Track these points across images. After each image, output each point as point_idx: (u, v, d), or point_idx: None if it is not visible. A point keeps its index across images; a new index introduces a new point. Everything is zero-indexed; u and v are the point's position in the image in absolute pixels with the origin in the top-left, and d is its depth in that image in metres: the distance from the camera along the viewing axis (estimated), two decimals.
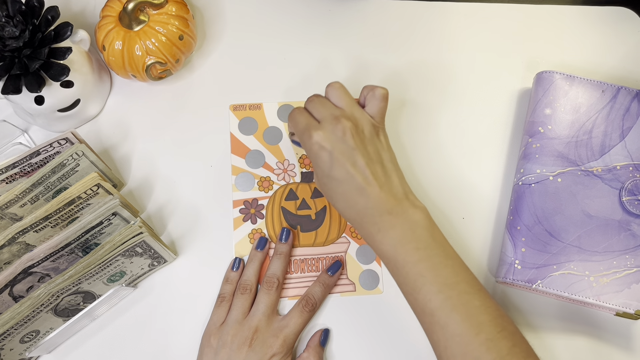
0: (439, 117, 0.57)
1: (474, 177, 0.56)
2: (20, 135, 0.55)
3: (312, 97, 0.48)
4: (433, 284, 0.42)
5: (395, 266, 0.43)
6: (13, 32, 0.46)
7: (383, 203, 0.44)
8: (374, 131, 0.46)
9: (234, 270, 0.52)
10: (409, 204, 0.44)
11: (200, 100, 0.57)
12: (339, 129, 0.44)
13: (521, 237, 0.50)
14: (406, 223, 0.43)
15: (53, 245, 0.43)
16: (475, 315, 0.41)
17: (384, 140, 0.47)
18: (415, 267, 0.42)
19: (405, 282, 0.43)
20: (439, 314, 0.41)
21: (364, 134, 0.45)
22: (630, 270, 0.49)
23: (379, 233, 0.44)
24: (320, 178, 0.46)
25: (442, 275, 0.42)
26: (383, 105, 0.48)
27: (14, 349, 0.46)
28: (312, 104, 0.47)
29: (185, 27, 0.53)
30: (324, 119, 0.45)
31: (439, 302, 0.41)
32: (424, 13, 0.61)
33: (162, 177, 0.54)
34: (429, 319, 0.42)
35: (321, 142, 0.44)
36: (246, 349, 0.47)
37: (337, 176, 0.44)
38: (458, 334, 0.40)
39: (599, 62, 0.60)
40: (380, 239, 0.44)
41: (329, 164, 0.44)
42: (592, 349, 0.51)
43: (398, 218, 0.43)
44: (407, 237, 0.43)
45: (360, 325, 0.51)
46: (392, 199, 0.44)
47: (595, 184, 0.51)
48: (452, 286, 0.42)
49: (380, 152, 0.46)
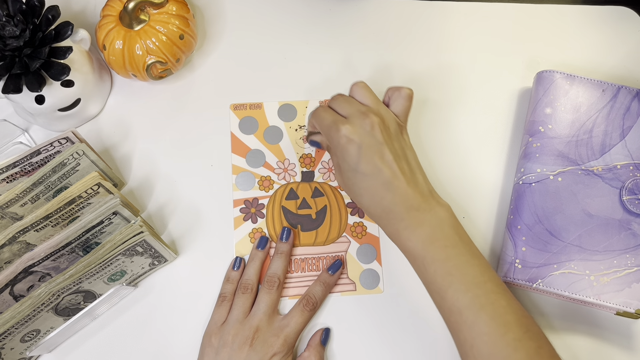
0: (439, 117, 0.57)
1: (475, 177, 0.56)
2: (21, 135, 0.55)
3: (336, 95, 0.48)
4: (461, 282, 0.41)
5: (422, 264, 0.43)
6: (14, 32, 0.46)
7: (410, 199, 0.43)
8: (399, 129, 0.47)
9: (235, 270, 0.52)
10: (434, 201, 0.44)
11: (201, 99, 0.57)
12: (367, 123, 0.45)
13: (522, 236, 0.50)
14: (433, 220, 0.43)
15: (54, 245, 0.43)
16: (502, 315, 0.41)
17: (407, 139, 0.48)
18: (443, 266, 0.42)
19: (433, 281, 0.43)
20: (467, 313, 0.41)
21: (390, 130, 0.46)
22: (630, 270, 0.49)
23: (406, 230, 0.43)
24: (345, 172, 0.46)
25: (470, 274, 0.42)
26: (408, 105, 0.48)
27: (15, 348, 0.46)
28: (337, 102, 0.48)
29: (185, 26, 0.53)
30: (351, 115, 0.46)
31: (467, 300, 0.41)
32: (424, 12, 0.61)
33: (162, 177, 0.55)
34: (457, 317, 0.41)
35: (349, 135, 0.44)
36: (247, 349, 0.47)
37: (365, 170, 0.44)
38: (485, 333, 0.40)
39: (599, 62, 0.60)
40: (407, 236, 0.43)
41: (356, 158, 0.44)
42: (592, 348, 0.51)
43: (425, 215, 0.43)
44: (435, 234, 0.43)
45: (360, 324, 0.51)
46: (419, 195, 0.44)
47: (595, 183, 0.51)
48: (479, 285, 0.41)
49: (405, 149, 0.46)
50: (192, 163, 0.55)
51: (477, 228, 0.54)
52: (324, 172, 0.55)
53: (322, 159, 0.56)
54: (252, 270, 0.51)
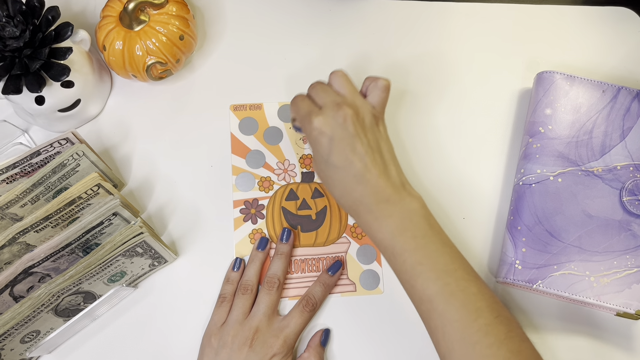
0: (439, 117, 0.57)
1: (475, 177, 0.56)
2: (21, 136, 0.55)
3: (314, 83, 0.48)
4: (431, 271, 0.42)
5: (392, 254, 0.43)
6: (13, 32, 0.46)
7: (380, 191, 0.44)
8: (374, 121, 0.46)
9: (235, 271, 0.51)
10: (405, 193, 0.44)
11: (201, 100, 0.57)
12: (340, 116, 0.44)
13: (522, 237, 0.50)
14: (403, 211, 0.43)
15: (53, 246, 0.43)
16: (473, 302, 0.41)
17: (383, 131, 0.47)
18: (412, 255, 0.42)
19: (402, 271, 0.43)
20: (437, 301, 0.41)
21: (365, 122, 0.45)
22: (630, 271, 0.49)
23: (376, 221, 0.44)
24: (318, 164, 0.46)
25: (440, 262, 0.42)
26: (384, 96, 0.48)
27: (15, 349, 0.46)
28: (314, 90, 0.47)
29: (185, 27, 0.53)
30: (325, 105, 0.45)
31: (437, 288, 0.41)
32: (424, 13, 0.61)
33: (162, 177, 0.55)
34: (427, 306, 0.42)
35: (321, 127, 0.44)
36: (247, 349, 0.47)
37: (336, 162, 0.44)
38: (456, 320, 0.41)
39: (599, 62, 0.60)
40: (377, 227, 0.44)
41: (327, 150, 0.44)
42: (592, 349, 0.51)
43: (395, 206, 0.43)
44: (404, 225, 0.43)
45: (360, 325, 0.51)
46: (390, 187, 0.44)
47: (595, 184, 0.51)
48: (449, 273, 0.42)
49: (380, 141, 0.46)
50: (192, 164, 0.55)
51: (477, 229, 0.54)
52: None
53: None
54: (252, 271, 0.51)
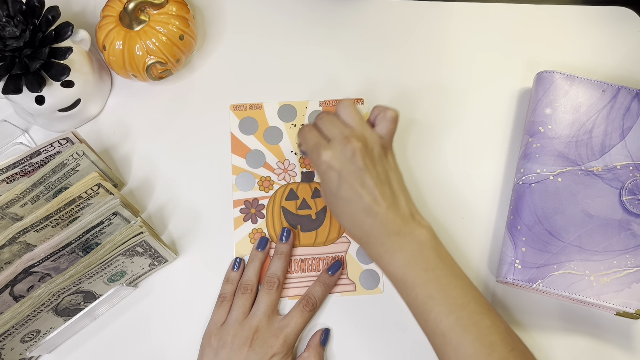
0: (439, 117, 0.57)
1: (475, 177, 0.56)
2: (21, 135, 0.55)
3: (321, 114, 0.47)
4: (443, 305, 0.41)
5: (404, 287, 0.43)
6: (14, 32, 0.46)
7: (390, 223, 0.43)
8: (383, 152, 0.46)
9: (235, 270, 0.52)
10: (415, 224, 0.44)
11: (201, 100, 0.57)
12: (349, 150, 0.44)
13: (521, 236, 0.50)
14: (413, 244, 0.43)
15: (54, 245, 0.43)
16: (487, 335, 0.40)
17: (391, 161, 0.47)
18: (424, 289, 0.42)
19: (415, 304, 0.43)
20: (451, 335, 0.41)
21: (373, 154, 0.45)
22: (630, 270, 0.49)
23: (386, 254, 0.43)
24: (327, 197, 0.46)
25: (452, 295, 0.42)
26: (393, 127, 0.47)
27: (15, 349, 0.46)
28: (322, 121, 0.47)
29: (185, 27, 0.53)
30: (333, 138, 0.45)
31: (451, 323, 0.41)
32: (424, 13, 0.61)
33: (162, 177, 0.55)
34: (440, 340, 0.41)
35: (330, 161, 0.44)
36: (246, 349, 0.47)
37: (345, 196, 0.44)
38: (470, 354, 0.40)
39: (599, 62, 0.60)
40: (387, 260, 0.43)
41: (337, 184, 0.44)
42: (592, 348, 0.51)
43: (405, 239, 0.43)
44: (414, 258, 0.43)
45: (360, 325, 0.51)
46: (399, 220, 0.44)
47: (595, 183, 0.51)
48: (462, 306, 0.41)
49: (389, 172, 0.46)
50: (192, 163, 0.55)
51: (477, 228, 0.54)
52: None
53: None
54: (252, 271, 0.51)
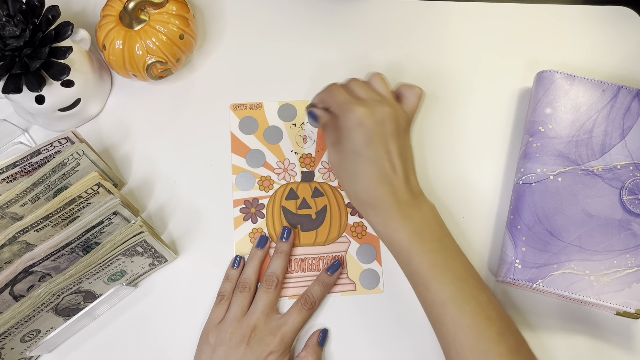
0: (439, 117, 0.57)
1: (475, 177, 0.56)
2: (21, 135, 0.55)
3: (353, 78, 0.49)
4: (446, 275, 0.42)
5: (408, 255, 0.44)
6: (14, 32, 0.46)
7: (401, 194, 0.44)
8: (407, 127, 0.48)
9: (235, 268, 0.51)
10: (423, 200, 0.46)
11: (201, 99, 0.57)
12: (381, 112, 0.45)
13: (522, 236, 0.50)
14: (421, 215, 0.45)
15: (54, 245, 0.43)
16: (485, 310, 0.42)
17: (409, 140, 0.48)
18: (429, 257, 0.43)
19: (417, 272, 0.43)
20: (451, 305, 0.42)
21: (399, 125, 0.46)
22: (630, 270, 0.49)
23: (395, 221, 0.44)
24: (345, 153, 0.46)
25: (454, 268, 0.43)
26: (417, 104, 0.49)
27: (15, 348, 0.46)
28: (354, 84, 0.48)
29: (185, 26, 0.53)
30: (368, 99, 0.46)
31: (452, 293, 0.42)
32: (424, 13, 0.61)
33: (162, 177, 0.55)
34: (440, 309, 0.42)
35: (362, 118, 0.44)
36: (244, 347, 0.47)
37: (369, 155, 0.44)
38: (468, 325, 0.41)
39: (599, 62, 0.60)
40: (394, 227, 0.44)
41: (364, 141, 0.44)
42: (592, 348, 0.51)
43: (414, 210, 0.44)
44: (422, 228, 0.44)
45: (360, 324, 0.51)
46: (409, 193, 0.45)
47: (595, 183, 0.51)
48: (463, 279, 0.43)
49: (407, 148, 0.47)
50: (192, 163, 0.55)
51: (477, 228, 0.54)
52: (324, 172, 0.55)
53: (322, 159, 0.56)
54: (251, 269, 0.51)
